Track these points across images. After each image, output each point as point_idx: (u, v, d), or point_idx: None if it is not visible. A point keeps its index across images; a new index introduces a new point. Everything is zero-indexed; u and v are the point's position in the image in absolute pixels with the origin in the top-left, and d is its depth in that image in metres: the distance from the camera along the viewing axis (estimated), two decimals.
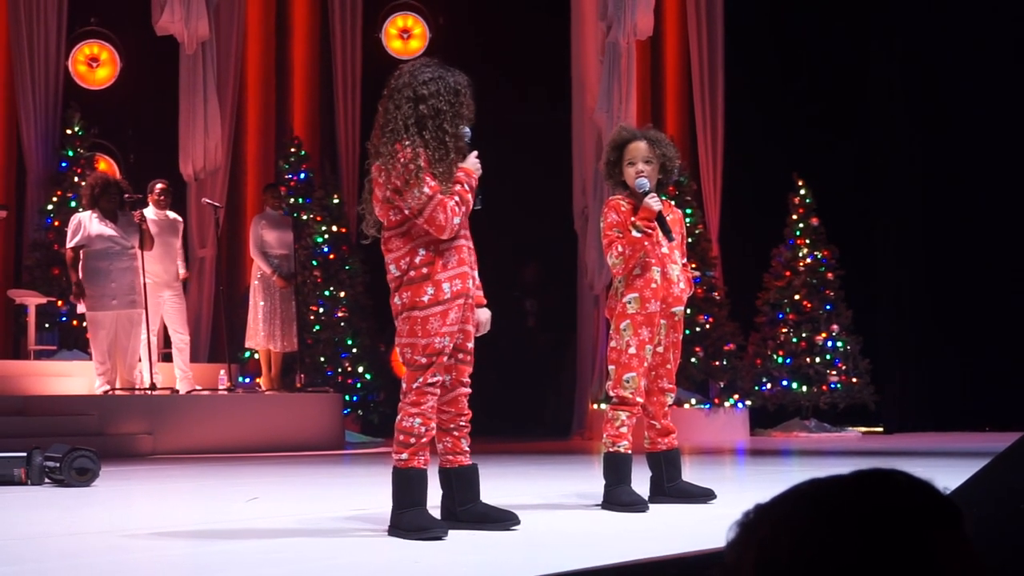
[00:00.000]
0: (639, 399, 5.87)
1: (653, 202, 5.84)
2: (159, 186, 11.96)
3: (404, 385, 4.86)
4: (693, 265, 13.75)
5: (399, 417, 4.84)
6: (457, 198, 4.78)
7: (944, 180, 15.21)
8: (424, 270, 4.79)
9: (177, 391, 11.66)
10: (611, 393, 5.92)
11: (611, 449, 5.85)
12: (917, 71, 15.34)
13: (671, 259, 5.96)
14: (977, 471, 3.13)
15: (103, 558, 4.45)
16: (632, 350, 5.85)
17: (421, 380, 4.80)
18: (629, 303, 5.87)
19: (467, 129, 4.96)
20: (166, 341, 12.16)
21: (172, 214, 12.09)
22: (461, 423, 5.03)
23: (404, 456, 4.81)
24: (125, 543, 4.84)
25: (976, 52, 14.98)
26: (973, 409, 14.83)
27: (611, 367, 5.92)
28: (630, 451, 5.86)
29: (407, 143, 4.78)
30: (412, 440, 4.80)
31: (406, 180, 4.74)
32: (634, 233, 5.82)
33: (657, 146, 5.98)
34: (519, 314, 16.16)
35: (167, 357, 12.21)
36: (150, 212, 11.75)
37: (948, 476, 1.39)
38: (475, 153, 4.94)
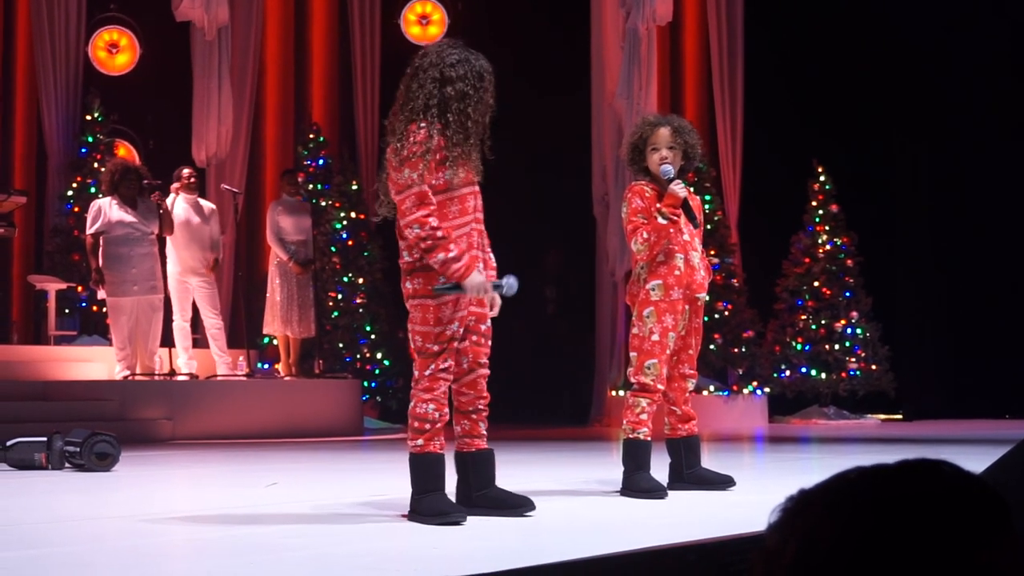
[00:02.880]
0: (660, 386, 5.85)
1: (679, 189, 5.83)
2: (186, 171, 11.95)
3: (416, 372, 4.85)
4: (712, 252, 13.74)
5: (412, 404, 4.84)
6: (440, 252, 4.68)
7: (967, 166, 15.14)
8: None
9: (197, 376, 11.69)
10: (632, 379, 5.89)
11: (630, 436, 5.84)
12: (939, 57, 15.25)
13: (692, 246, 5.94)
14: (998, 458, 3.12)
15: (124, 542, 4.47)
16: (655, 337, 5.81)
17: (433, 367, 4.80)
18: (652, 290, 5.84)
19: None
20: (194, 327, 12.15)
21: (204, 201, 12.07)
22: (480, 406, 5.03)
23: (419, 442, 4.82)
24: (145, 527, 4.87)
25: (998, 38, 14.90)
26: (993, 396, 14.78)
27: (633, 353, 5.89)
28: (650, 438, 5.85)
29: (423, 124, 4.76)
30: (427, 426, 4.80)
31: (405, 158, 4.73)
32: (659, 219, 5.80)
33: (680, 134, 5.97)
34: (539, 301, 16.16)
35: (198, 343, 12.22)
36: (179, 199, 11.74)
37: (969, 463, 1.39)
38: (492, 294, 4.86)
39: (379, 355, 14.31)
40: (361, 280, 14.39)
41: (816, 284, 14.73)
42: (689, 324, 5.97)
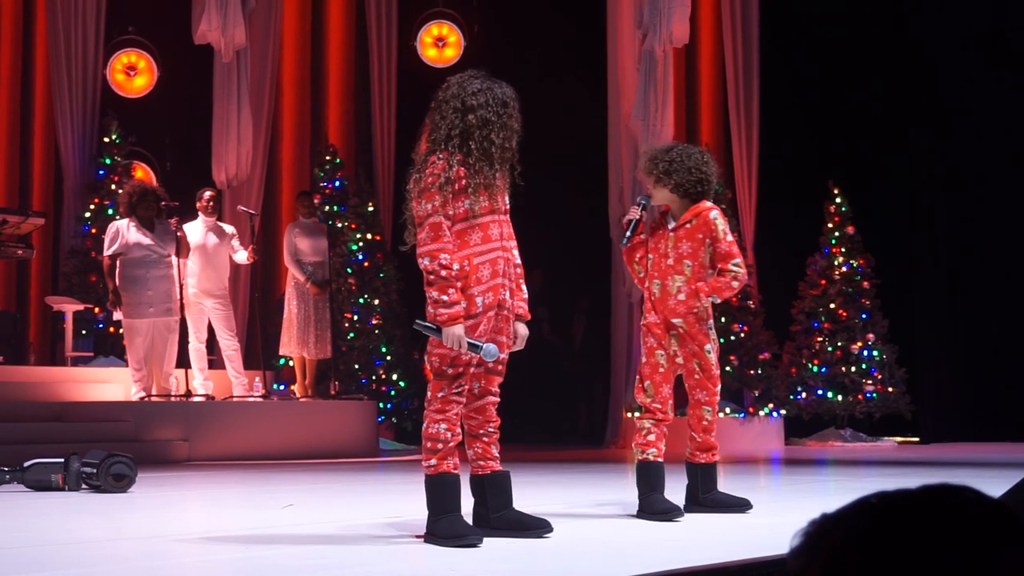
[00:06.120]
0: (657, 405, 5.91)
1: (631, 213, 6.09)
2: (207, 194, 11.99)
3: (429, 393, 4.89)
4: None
5: (425, 425, 4.88)
6: (436, 290, 4.74)
7: (985, 187, 15.10)
8: (458, 284, 4.81)
9: (213, 397, 11.71)
10: (636, 400, 6.05)
11: (641, 457, 5.89)
12: (957, 78, 15.23)
13: (675, 271, 5.93)
14: (1017, 482, 3.11)
15: (140, 564, 4.47)
16: (643, 358, 6.01)
17: (447, 389, 4.83)
18: (644, 314, 6.07)
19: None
20: (210, 348, 12.17)
21: (222, 223, 12.12)
22: (490, 429, 5.06)
23: (433, 462, 4.84)
24: (161, 548, 4.87)
25: (1019, 62, 14.88)
26: (1010, 419, 14.71)
27: (637, 376, 6.07)
28: (660, 458, 5.85)
29: (441, 156, 4.81)
30: (439, 446, 4.82)
31: (423, 189, 4.78)
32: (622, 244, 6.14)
33: (655, 162, 6.09)
34: (535, 322, 16.10)
35: (214, 364, 12.25)
36: (198, 221, 11.79)
37: (986, 486, 1.38)
38: (466, 351, 4.78)
39: (395, 376, 14.32)
40: (377, 301, 14.40)
41: (832, 306, 14.69)
42: (683, 350, 5.95)
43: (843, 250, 14.82)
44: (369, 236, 14.60)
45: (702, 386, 6.00)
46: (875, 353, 14.56)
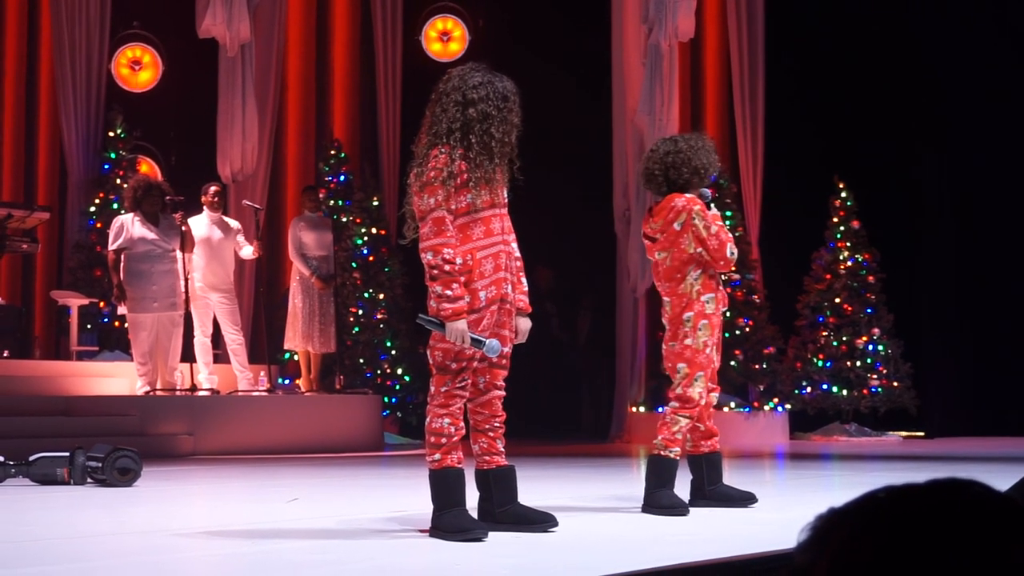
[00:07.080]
0: (702, 404, 5.86)
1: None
2: (212, 188, 11.99)
3: (432, 388, 4.88)
4: (733, 268, 13.70)
5: (428, 420, 4.88)
6: (440, 285, 4.72)
7: (990, 181, 15.08)
8: (462, 278, 4.81)
9: (218, 392, 11.71)
10: (679, 391, 5.81)
11: (661, 453, 5.79)
12: (961, 75, 15.21)
13: None
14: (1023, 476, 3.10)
15: (147, 558, 4.47)
16: (709, 350, 5.85)
17: (450, 384, 4.82)
18: (707, 303, 5.87)
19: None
20: (216, 342, 12.17)
21: (227, 218, 12.12)
22: (496, 424, 5.05)
23: (437, 457, 4.84)
24: (168, 543, 4.87)
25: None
26: (1015, 413, 14.70)
27: (682, 364, 5.81)
28: (679, 457, 5.83)
29: (443, 150, 4.79)
30: (443, 440, 4.83)
31: (425, 183, 4.76)
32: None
33: None
34: (544, 317, 16.13)
35: (219, 358, 12.25)
36: (203, 215, 11.79)
37: (993, 480, 1.38)
38: (468, 346, 4.79)
39: (399, 370, 14.32)
40: (382, 296, 14.39)
41: (837, 301, 14.67)
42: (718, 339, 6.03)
43: (848, 245, 14.80)
44: (374, 231, 14.59)
45: (715, 376, 6.04)
46: (880, 348, 14.55)
